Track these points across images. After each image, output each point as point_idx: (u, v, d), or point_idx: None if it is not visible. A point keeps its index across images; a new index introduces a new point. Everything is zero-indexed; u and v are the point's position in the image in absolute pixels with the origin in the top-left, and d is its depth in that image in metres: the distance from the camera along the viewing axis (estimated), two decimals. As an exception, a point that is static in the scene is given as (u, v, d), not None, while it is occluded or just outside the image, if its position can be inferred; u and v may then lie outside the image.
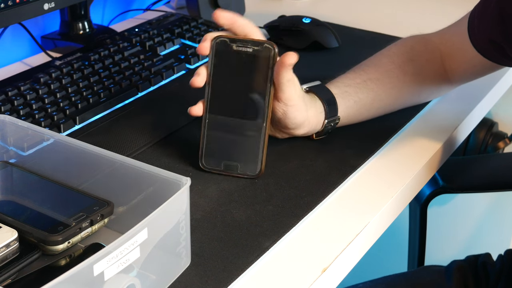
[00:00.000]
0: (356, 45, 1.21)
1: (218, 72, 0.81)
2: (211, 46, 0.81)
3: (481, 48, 0.90)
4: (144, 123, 0.95)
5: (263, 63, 0.81)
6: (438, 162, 0.95)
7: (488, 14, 0.88)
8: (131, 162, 0.70)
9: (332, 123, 0.89)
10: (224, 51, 0.81)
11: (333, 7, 1.42)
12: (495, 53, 0.89)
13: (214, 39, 0.81)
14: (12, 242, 0.66)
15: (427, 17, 1.36)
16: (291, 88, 0.81)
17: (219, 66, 0.81)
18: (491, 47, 0.89)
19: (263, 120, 0.82)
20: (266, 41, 0.81)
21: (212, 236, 0.74)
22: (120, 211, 0.73)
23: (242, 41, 0.80)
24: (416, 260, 1.39)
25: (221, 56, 0.81)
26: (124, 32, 1.19)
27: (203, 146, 0.82)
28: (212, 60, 0.81)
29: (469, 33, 0.91)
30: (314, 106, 0.87)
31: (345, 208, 0.80)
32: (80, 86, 1.00)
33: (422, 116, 1.00)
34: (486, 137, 1.77)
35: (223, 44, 0.81)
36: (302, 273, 0.70)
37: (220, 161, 0.82)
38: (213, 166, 0.83)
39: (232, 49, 0.81)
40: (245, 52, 0.81)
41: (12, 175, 0.78)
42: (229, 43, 0.81)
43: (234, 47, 0.81)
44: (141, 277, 0.62)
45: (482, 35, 0.89)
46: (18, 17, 1.03)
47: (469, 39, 0.91)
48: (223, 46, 0.81)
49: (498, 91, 1.13)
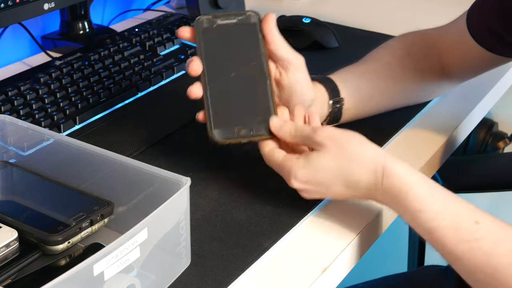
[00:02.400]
0: (356, 45, 1.21)
1: (209, 47, 0.78)
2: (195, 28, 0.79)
3: (480, 37, 0.90)
4: (144, 123, 0.95)
5: (251, 29, 0.79)
6: (438, 162, 0.95)
7: (488, 5, 0.89)
8: (131, 162, 0.70)
9: (337, 105, 0.87)
10: (209, 28, 0.79)
11: (333, 7, 1.42)
12: (493, 42, 0.89)
13: (196, 20, 0.79)
14: (12, 242, 0.66)
15: (427, 17, 1.36)
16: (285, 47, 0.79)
17: (208, 42, 0.79)
18: (490, 36, 0.89)
19: (265, 78, 0.78)
20: (248, 10, 0.80)
21: (212, 236, 0.74)
22: (120, 211, 0.73)
23: (224, 15, 0.79)
24: (416, 260, 1.39)
25: (208, 33, 0.79)
26: (124, 32, 1.19)
27: (210, 117, 0.76)
28: (200, 39, 0.78)
29: (468, 24, 0.91)
30: (316, 87, 0.85)
31: (345, 208, 0.80)
32: (80, 86, 1.00)
33: (422, 116, 1.00)
34: (486, 137, 1.77)
35: (207, 22, 0.79)
36: (302, 273, 0.70)
37: (232, 129, 0.77)
38: (226, 135, 0.76)
39: (217, 23, 0.79)
40: (230, 23, 0.79)
41: (12, 175, 0.78)
42: (212, 19, 0.79)
43: (219, 21, 0.79)
44: (141, 277, 0.62)
45: (481, 25, 0.90)
46: (18, 17, 1.03)
47: (468, 30, 0.91)
48: (207, 24, 0.79)
49: (498, 91, 1.13)
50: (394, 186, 0.69)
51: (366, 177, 0.71)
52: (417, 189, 0.68)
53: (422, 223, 0.67)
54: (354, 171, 0.71)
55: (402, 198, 0.68)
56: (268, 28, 0.78)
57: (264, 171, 0.83)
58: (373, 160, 0.71)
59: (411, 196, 0.68)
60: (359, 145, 0.72)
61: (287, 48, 0.79)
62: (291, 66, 0.79)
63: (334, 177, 0.72)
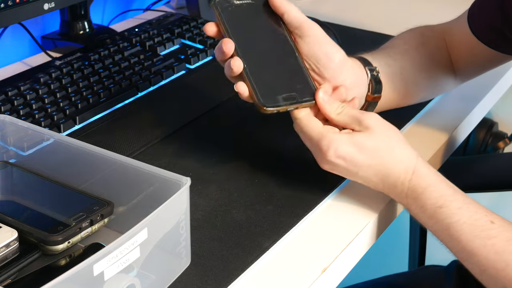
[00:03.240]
0: (356, 45, 1.21)
1: (234, 26, 0.79)
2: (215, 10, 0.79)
3: (481, 35, 0.90)
4: (144, 123, 0.95)
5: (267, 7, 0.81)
6: (438, 162, 0.95)
7: (488, 2, 0.89)
8: (131, 162, 0.70)
9: (374, 72, 0.86)
10: (228, 8, 0.79)
11: (333, 7, 1.42)
12: (495, 39, 0.89)
13: (214, 2, 0.79)
14: (12, 242, 0.66)
15: (427, 17, 1.36)
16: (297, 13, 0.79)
17: (231, 21, 0.79)
18: (491, 33, 0.89)
19: (293, 49, 0.79)
20: None
21: (212, 236, 0.74)
22: (120, 211, 0.73)
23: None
24: (417, 260, 1.39)
25: (229, 13, 0.79)
26: (124, 32, 1.19)
27: (255, 89, 0.76)
28: (222, 19, 0.78)
29: (469, 22, 0.91)
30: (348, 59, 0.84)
31: (345, 208, 0.80)
32: (80, 86, 1.00)
33: (422, 116, 1.00)
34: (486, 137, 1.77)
35: (225, 2, 0.80)
36: (302, 273, 0.70)
37: (278, 97, 0.76)
38: (274, 104, 0.76)
39: (235, 3, 0.80)
40: (247, 2, 0.81)
41: (12, 175, 0.78)
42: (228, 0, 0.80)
43: (235, 1, 0.80)
44: (141, 277, 0.62)
45: (482, 22, 0.90)
46: (18, 17, 1.03)
47: (469, 27, 0.91)
48: (226, 3, 0.80)
49: (498, 91, 1.13)
50: (420, 185, 0.73)
51: (397, 172, 0.74)
52: (441, 188, 0.72)
53: (442, 218, 0.71)
54: (390, 164, 0.74)
55: (426, 196, 0.72)
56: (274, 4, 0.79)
57: (264, 171, 0.83)
58: (408, 159, 0.74)
59: (435, 193, 0.72)
60: (401, 141, 0.76)
61: (298, 14, 0.79)
62: (305, 30, 0.79)
63: (371, 162, 0.74)
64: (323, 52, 0.79)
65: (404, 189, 0.74)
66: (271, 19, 0.81)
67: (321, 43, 0.79)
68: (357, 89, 0.84)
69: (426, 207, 0.72)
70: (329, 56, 0.79)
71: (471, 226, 0.70)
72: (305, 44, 0.79)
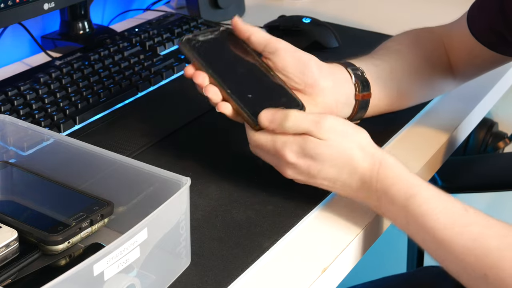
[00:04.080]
0: (356, 45, 1.21)
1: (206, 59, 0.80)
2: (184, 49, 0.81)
3: (481, 36, 0.90)
4: (144, 123, 0.95)
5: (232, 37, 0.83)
6: (438, 162, 0.95)
7: (487, 3, 0.89)
8: (131, 162, 0.70)
9: (358, 72, 0.85)
10: (195, 45, 0.81)
11: (333, 7, 1.42)
12: (495, 41, 0.89)
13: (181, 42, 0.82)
14: (12, 242, 0.66)
15: (427, 17, 1.36)
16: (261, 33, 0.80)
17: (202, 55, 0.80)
18: (491, 35, 0.89)
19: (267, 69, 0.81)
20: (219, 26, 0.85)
21: (212, 236, 0.74)
22: (120, 211, 0.73)
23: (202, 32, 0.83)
24: (415, 260, 1.39)
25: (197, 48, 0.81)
26: (124, 32, 1.19)
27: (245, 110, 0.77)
28: (194, 55, 0.80)
29: (468, 23, 0.91)
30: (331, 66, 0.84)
31: (345, 208, 0.80)
32: (80, 86, 1.00)
33: (422, 116, 1.00)
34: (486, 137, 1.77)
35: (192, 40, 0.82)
36: (302, 273, 0.70)
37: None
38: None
39: (200, 39, 0.82)
40: (212, 37, 0.83)
41: (12, 175, 0.78)
42: (193, 37, 0.82)
43: (201, 38, 0.82)
44: (141, 277, 0.62)
45: (481, 24, 0.90)
46: (18, 17, 1.03)
47: (469, 29, 0.91)
48: (192, 42, 0.82)
49: (498, 91, 1.13)
50: (389, 176, 0.71)
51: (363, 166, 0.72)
52: (410, 178, 0.71)
53: (415, 207, 0.68)
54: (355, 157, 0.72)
55: (397, 187, 0.70)
56: (238, 29, 0.80)
57: (264, 171, 0.83)
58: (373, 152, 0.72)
59: (406, 182, 0.70)
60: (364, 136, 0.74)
61: (262, 33, 0.81)
62: (273, 46, 0.80)
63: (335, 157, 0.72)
64: (296, 60, 0.80)
65: (373, 183, 0.71)
66: (239, 47, 0.83)
67: (292, 52, 0.80)
68: (342, 90, 0.84)
69: (398, 198, 0.70)
70: (304, 63, 0.80)
71: (447, 214, 0.67)
72: (278, 59, 0.80)
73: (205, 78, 0.78)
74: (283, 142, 0.73)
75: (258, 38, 0.80)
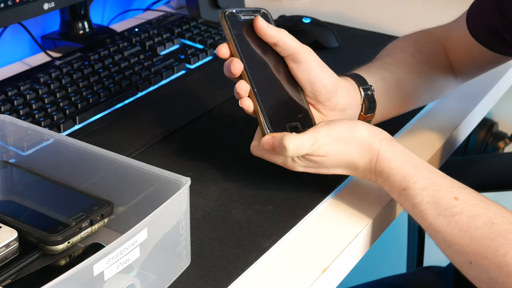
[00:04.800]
0: (356, 45, 1.21)
1: (242, 45, 0.78)
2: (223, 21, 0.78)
3: (480, 36, 0.90)
4: (144, 123, 0.95)
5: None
6: (438, 162, 0.95)
7: (486, 3, 0.89)
8: (131, 162, 0.70)
9: (368, 91, 0.85)
10: (236, 24, 0.78)
11: (333, 7, 1.42)
12: (494, 41, 0.89)
13: (222, 13, 0.78)
14: (12, 242, 0.66)
15: (427, 17, 1.36)
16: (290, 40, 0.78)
17: (240, 39, 0.78)
18: (489, 35, 0.89)
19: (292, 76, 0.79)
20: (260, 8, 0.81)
21: (212, 236, 0.74)
22: (120, 211, 0.73)
23: (245, 10, 0.80)
24: (415, 260, 1.39)
25: (237, 29, 0.78)
26: (124, 32, 1.19)
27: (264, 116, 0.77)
28: (232, 36, 0.78)
29: (467, 23, 0.91)
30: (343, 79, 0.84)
31: (345, 208, 0.80)
32: (80, 86, 1.00)
33: (422, 116, 1.00)
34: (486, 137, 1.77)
35: (233, 16, 0.79)
36: (302, 273, 0.70)
37: (283, 126, 0.77)
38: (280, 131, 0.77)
39: (241, 18, 0.79)
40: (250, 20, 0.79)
41: (12, 175, 0.78)
42: (236, 13, 0.79)
43: (242, 16, 0.79)
44: (141, 277, 0.62)
45: (480, 24, 0.90)
46: (18, 17, 1.03)
47: (468, 29, 0.91)
48: (233, 17, 0.79)
49: (498, 91, 1.13)
50: (384, 170, 0.75)
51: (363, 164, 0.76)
52: (404, 170, 0.74)
53: (407, 199, 0.74)
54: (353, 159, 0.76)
55: (391, 180, 0.75)
56: (264, 33, 0.77)
57: (264, 171, 0.83)
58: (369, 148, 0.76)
59: (398, 176, 0.74)
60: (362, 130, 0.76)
61: (291, 40, 0.78)
62: (300, 57, 0.78)
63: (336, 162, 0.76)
64: (318, 77, 0.79)
65: (372, 177, 0.77)
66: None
67: (316, 68, 0.79)
68: (350, 110, 0.84)
69: (393, 190, 0.75)
70: (323, 81, 0.80)
71: (435, 206, 0.71)
72: (300, 70, 0.79)
73: (240, 69, 0.76)
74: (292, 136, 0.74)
75: (285, 45, 0.78)
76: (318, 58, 0.80)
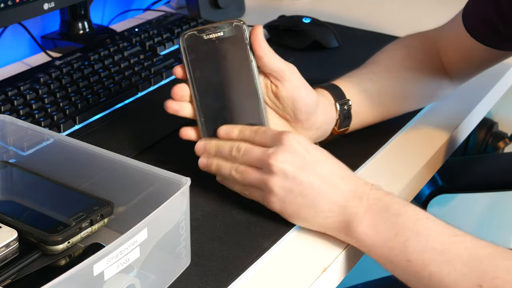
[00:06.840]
0: (356, 45, 1.21)
1: (197, 66, 0.77)
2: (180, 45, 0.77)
3: (475, 32, 0.90)
4: (144, 123, 0.95)
5: (239, 42, 0.78)
6: (438, 162, 0.95)
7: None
8: (131, 162, 0.70)
9: (345, 106, 0.86)
10: (195, 44, 0.77)
11: (333, 7, 1.42)
12: (489, 36, 0.89)
13: (181, 36, 0.77)
14: (12, 242, 0.66)
15: (427, 17, 1.36)
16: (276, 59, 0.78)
17: (195, 61, 0.77)
18: (485, 30, 0.89)
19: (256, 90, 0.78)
20: (234, 19, 0.78)
21: (212, 236, 0.74)
22: (120, 211, 0.73)
23: (210, 28, 0.77)
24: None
25: (194, 50, 0.77)
26: (124, 32, 1.19)
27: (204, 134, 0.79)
28: (186, 58, 0.77)
29: (463, 19, 0.91)
30: (320, 93, 0.85)
31: (345, 208, 0.80)
32: (80, 86, 1.00)
33: (422, 116, 1.00)
34: (486, 137, 1.77)
35: (193, 38, 0.77)
36: (302, 273, 0.70)
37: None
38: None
39: (203, 39, 0.77)
40: (217, 37, 0.77)
41: (12, 175, 0.78)
42: (198, 34, 0.77)
43: (205, 37, 0.77)
44: (141, 277, 0.62)
45: (475, 19, 0.90)
46: (18, 17, 1.03)
47: (463, 25, 0.91)
48: (193, 40, 0.77)
49: (498, 91, 1.13)
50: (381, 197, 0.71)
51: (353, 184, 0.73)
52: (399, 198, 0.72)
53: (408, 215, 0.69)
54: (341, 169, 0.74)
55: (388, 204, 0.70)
56: (257, 43, 0.77)
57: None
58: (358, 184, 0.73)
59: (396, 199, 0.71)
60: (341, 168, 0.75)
61: (278, 59, 0.78)
62: (285, 75, 0.79)
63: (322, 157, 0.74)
64: (301, 96, 0.80)
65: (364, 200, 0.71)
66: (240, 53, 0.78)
67: (299, 87, 0.80)
68: (326, 125, 0.85)
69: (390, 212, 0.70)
70: (306, 100, 0.80)
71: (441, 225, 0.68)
72: (284, 89, 0.79)
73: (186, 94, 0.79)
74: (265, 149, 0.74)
75: (269, 63, 0.77)
76: (301, 77, 0.80)
